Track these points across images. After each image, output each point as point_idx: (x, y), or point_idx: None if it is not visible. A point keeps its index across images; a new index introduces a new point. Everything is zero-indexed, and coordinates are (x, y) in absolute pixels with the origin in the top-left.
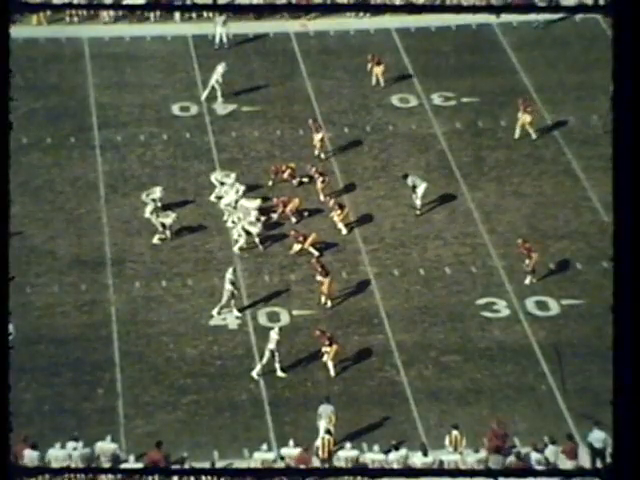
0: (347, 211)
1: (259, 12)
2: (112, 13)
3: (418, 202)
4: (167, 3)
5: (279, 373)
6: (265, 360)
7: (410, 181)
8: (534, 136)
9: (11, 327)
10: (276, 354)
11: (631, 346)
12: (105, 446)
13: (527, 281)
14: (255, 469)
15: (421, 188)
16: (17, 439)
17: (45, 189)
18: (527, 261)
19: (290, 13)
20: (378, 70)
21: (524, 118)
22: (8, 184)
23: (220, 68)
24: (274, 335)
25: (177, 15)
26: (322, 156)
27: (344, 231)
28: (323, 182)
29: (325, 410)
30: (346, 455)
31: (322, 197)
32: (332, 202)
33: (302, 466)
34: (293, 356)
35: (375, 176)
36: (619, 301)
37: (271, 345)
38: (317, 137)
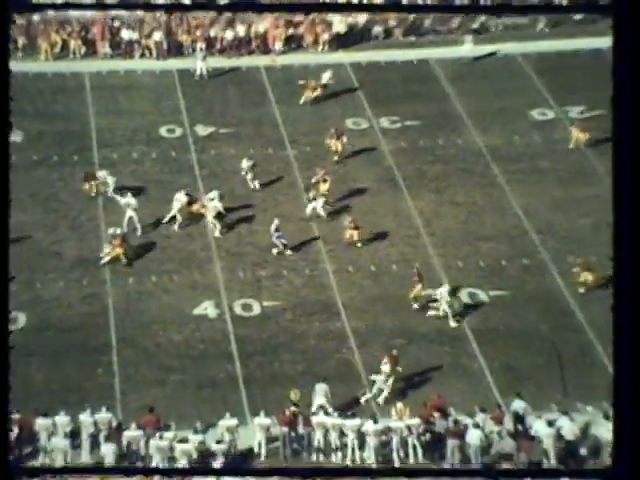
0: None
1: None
2: (109, 50)
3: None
4: (169, 3)
5: None
6: None
7: (312, 194)
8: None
9: (24, 317)
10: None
11: (631, 346)
12: (103, 416)
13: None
14: (256, 469)
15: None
16: (29, 411)
17: (51, 200)
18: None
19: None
20: (338, 143)
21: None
22: (8, 184)
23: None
24: None
25: (164, 49)
26: (336, 159)
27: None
28: (324, 180)
29: (321, 388)
30: (317, 421)
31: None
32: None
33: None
34: (263, 341)
35: (333, 187)
36: (619, 301)
37: None
38: (338, 143)
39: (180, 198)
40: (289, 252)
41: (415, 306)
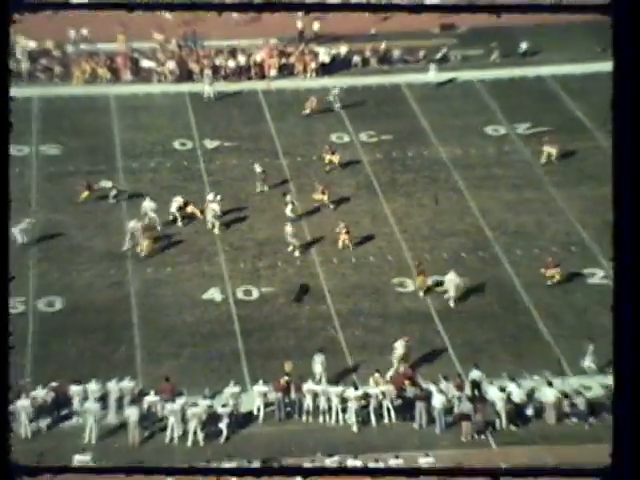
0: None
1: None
2: (130, 77)
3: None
4: (168, 3)
5: None
6: None
7: (288, 198)
8: None
9: (60, 301)
10: None
11: (631, 346)
12: (127, 384)
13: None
14: (256, 469)
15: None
16: (64, 380)
17: (84, 202)
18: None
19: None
20: (333, 157)
21: None
22: (8, 186)
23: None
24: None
25: (177, 76)
26: (327, 169)
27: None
28: (324, 192)
29: (319, 358)
30: (307, 388)
31: (331, 207)
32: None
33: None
34: (261, 321)
35: (320, 192)
36: (619, 302)
37: None
38: (332, 157)
39: (177, 200)
40: (297, 253)
41: (420, 294)
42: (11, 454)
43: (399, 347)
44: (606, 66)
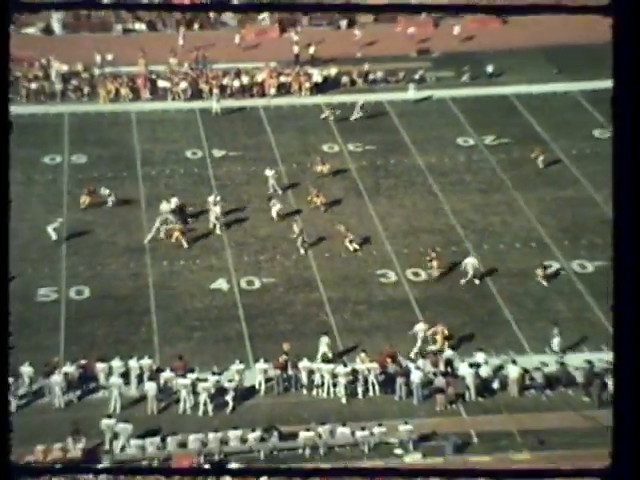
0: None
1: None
2: (149, 95)
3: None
4: (170, 3)
5: None
6: None
7: (272, 203)
8: None
9: (88, 290)
10: None
11: (631, 346)
12: (146, 362)
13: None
14: (256, 469)
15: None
16: (91, 358)
17: (107, 204)
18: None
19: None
20: (324, 167)
21: None
22: (8, 186)
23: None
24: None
25: (189, 94)
26: (318, 176)
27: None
28: (317, 196)
29: (324, 340)
30: (303, 365)
31: (322, 209)
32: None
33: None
34: (263, 307)
35: (314, 195)
36: (619, 302)
37: None
38: (323, 168)
39: (174, 201)
40: (301, 249)
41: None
42: (11, 454)
43: (420, 330)
44: (561, 86)
